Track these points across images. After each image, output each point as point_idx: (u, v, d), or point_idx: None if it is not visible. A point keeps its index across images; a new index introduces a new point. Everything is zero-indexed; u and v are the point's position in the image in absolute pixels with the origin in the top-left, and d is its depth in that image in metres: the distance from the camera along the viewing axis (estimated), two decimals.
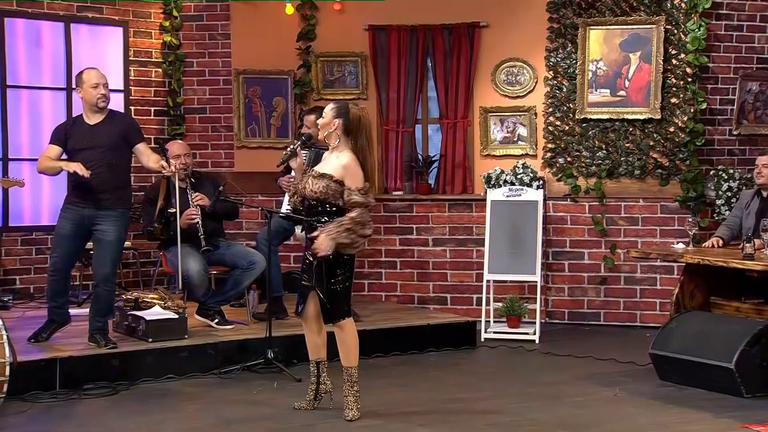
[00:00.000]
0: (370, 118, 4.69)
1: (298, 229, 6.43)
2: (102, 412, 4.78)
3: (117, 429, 4.50)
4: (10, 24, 7.44)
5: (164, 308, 5.87)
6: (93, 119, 5.46)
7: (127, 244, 7.55)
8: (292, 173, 6.42)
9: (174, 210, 5.95)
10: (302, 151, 4.91)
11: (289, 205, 6.33)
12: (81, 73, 5.53)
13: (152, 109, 8.09)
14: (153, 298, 6.05)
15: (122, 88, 7.93)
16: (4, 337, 4.63)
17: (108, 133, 5.43)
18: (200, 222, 6.03)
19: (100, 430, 4.49)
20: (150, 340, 5.57)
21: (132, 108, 7.98)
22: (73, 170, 5.24)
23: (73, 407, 4.87)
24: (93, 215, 5.37)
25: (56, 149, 5.43)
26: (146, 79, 8.05)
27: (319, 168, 4.64)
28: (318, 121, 4.74)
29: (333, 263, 4.55)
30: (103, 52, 7.87)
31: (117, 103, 7.91)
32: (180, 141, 6.86)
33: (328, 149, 4.71)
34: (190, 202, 6.07)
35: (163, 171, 5.44)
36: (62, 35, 7.64)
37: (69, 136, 5.43)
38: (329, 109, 4.65)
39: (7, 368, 4.58)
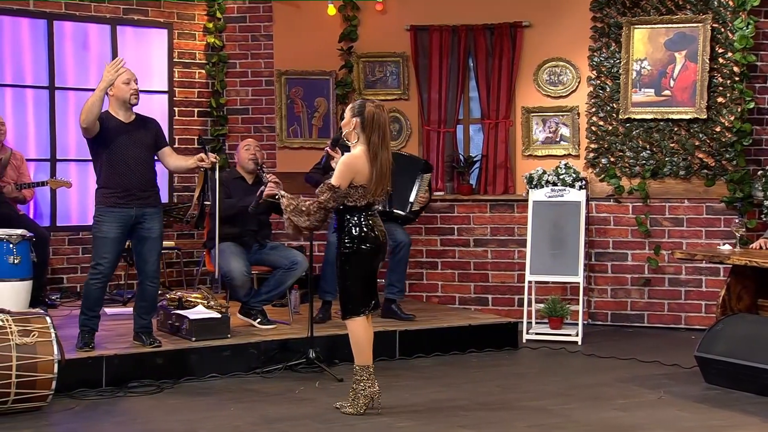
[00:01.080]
0: (386, 115, 4.70)
1: None
2: (147, 410, 4.84)
3: (162, 427, 4.56)
4: (59, 27, 7.58)
5: (207, 307, 5.93)
6: (125, 117, 5.40)
7: (171, 243, 7.69)
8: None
9: (209, 202, 6.04)
10: (340, 153, 4.92)
11: None
12: None
13: (195, 110, 8.18)
14: (196, 298, 6.11)
15: (166, 89, 8.04)
16: (53, 334, 4.72)
17: (146, 133, 5.45)
18: (280, 194, 6.05)
19: (145, 428, 4.54)
20: (193, 339, 5.62)
21: (176, 109, 8.09)
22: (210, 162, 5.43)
23: (119, 404, 4.94)
24: (140, 214, 5.39)
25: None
26: (190, 80, 8.14)
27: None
28: (342, 122, 4.80)
29: (340, 261, 4.64)
30: (147, 54, 7.98)
31: (161, 104, 8.04)
32: (251, 139, 6.97)
33: None
34: (264, 179, 6.05)
35: (202, 164, 5.51)
36: (108, 37, 7.76)
37: (103, 125, 5.33)
38: (348, 109, 4.73)
39: (55, 366, 4.67)
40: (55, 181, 7.03)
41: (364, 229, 4.64)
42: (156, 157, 5.58)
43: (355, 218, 4.65)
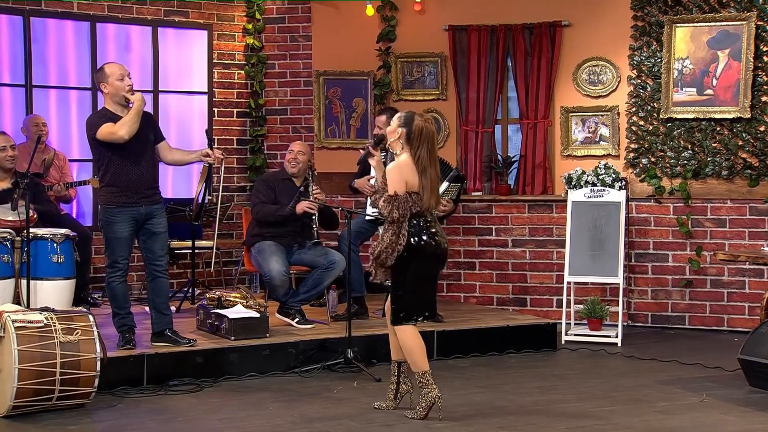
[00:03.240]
0: (433, 130, 4.70)
1: (381, 230, 6.47)
2: (188, 408, 4.88)
3: (202, 425, 4.60)
4: (102, 29, 7.68)
5: (246, 307, 5.96)
6: (124, 114, 5.37)
7: (210, 243, 7.75)
8: (371, 173, 6.52)
9: (210, 198, 6.12)
10: (380, 152, 4.93)
11: (372, 207, 6.41)
12: (102, 68, 5.44)
13: (235, 110, 8.24)
14: (235, 297, 6.15)
15: (206, 90, 8.11)
16: (95, 333, 4.79)
17: (147, 129, 5.42)
18: (317, 215, 6.14)
19: (186, 426, 4.59)
20: (233, 338, 5.67)
21: (215, 110, 8.16)
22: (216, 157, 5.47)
23: (160, 402, 4.99)
24: (149, 211, 5.41)
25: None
26: (229, 81, 8.20)
27: None
28: (387, 129, 4.78)
29: (396, 266, 4.59)
30: (188, 55, 8.07)
31: (201, 105, 8.12)
32: (301, 141, 7.02)
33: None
34: (310, 195, 6.17)
35: (207, 159, 5.54)
36: (150, 39, 7.85)
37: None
38: (396, 118, 4.71)
39: (98, 363, 4.74)
40: (97, 180, 7.11)
41: (416, 237, 4.60)
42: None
43: (409, 226, 4.61)
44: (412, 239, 4.59)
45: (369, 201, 6.54)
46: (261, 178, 6.75)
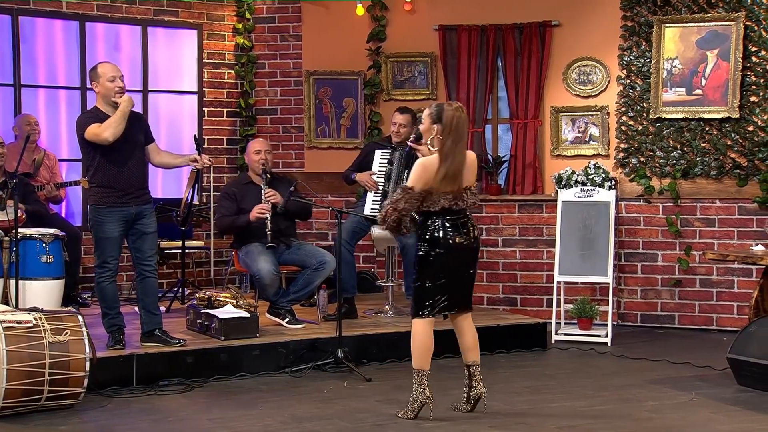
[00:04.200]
0: (465, 116, 4.64)
1: (375, 230, 6.49)
2: (178, 408, 4.87)
3: (192, 425, 4.59)
4: (91, 28, 7.66)
5: (236, 307, 5.96)
6: (121, 94, 5.36)
7: (200, 243, 7.74)
8: (373, 169, 6.52)
9: (197, 204, 6.14)
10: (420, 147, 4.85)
11: (373, 204, 6.43)
12: (95, 67, 5.43)
13: (225, 110, 8.23)
14: (225, 297, 6.14)
15: (196, 90, 8.10)
16: (84, 333, 4.77)
17: (137, 130, 5.42)
18: (269, 218, 6.11)
19: (176, 427, 4.58)
20: (223, 338, 5.66)
21: (205, 110, 8.14)
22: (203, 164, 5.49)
23: (150, 403, 4.98)
24: (139, 211, 5.41)
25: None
26: (219, 80, 8.19)
27: None
28: (420, 128, 4.76)
29: (420, 262, 4.61)
30: (178, 55, 8.05)
31: (191, 105, 8.10)
32: (261, 138, 7.01)
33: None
34: (263, 198, 6.17)
35: (194, 164, 5.54)
36: (139, 39, 7.83)
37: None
38: (426, 116, 4.67)
39: (87, 364, 4.72)
40: (87, 181, 7.09)
41: (435, 234, 4.58)
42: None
43: (434, 223, 4.60)
44: (429, 235, 4.59)
45: (368, 198, 6.55)
46: (222, 190, 6.66)
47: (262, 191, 6.20)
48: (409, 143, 4.96)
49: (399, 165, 6.42)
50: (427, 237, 4.60)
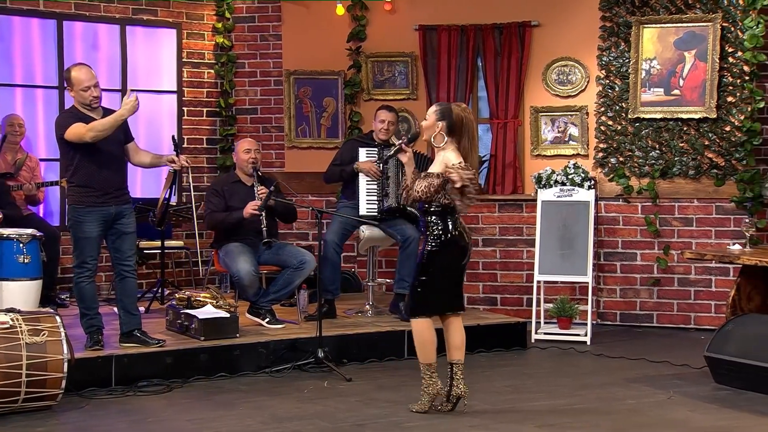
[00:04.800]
0: (472, 117, 4.74)
1: (365, 230, 6.48)
2: (157, 409, 4.85)
3: (172, 426, 4.57)
4: (69, 27, 7.60)
5: (216, 307, 5.93)
6: (95, 114, 5.35)
7: (179, 243, 7.70)
8: (360, 159, 6.51)
9: (174, 204, 6.15)
10: (410, 150, 4.86)
11: (368, 204, 6.42)
12: (69, 71, 5.35)
13: (204, 110, 8.19)
14: (205, 297, 6.11)
15: (175, 89, 8.06)
16: (62, 334, 4.73)
17: (117, 129, 5.35)
18: (264, 215, 6.11)
19: (156, 428, 4.55)
20: (202, 338, 5.63)
21: (185, 109, 8.10)
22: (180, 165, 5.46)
23: (129, 403, 4.95)
24: (118, 212, 5.39)
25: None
26: (199, 80, 8.16)
27: (431, 169, 4.71)
28: (422, 123, 4.78)
29: (425, 261, 4.63)
30: (157, 54, 8.00)
31: (170, 104, 8.06)
32: (249, 138, 6.99)
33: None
34: (257, 196, 6.15)
35: (172, 165, 5.53)
36: (118, 38, 7.78)
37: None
38: (432, 112, 4.72)
39: (65, 365, 4.68)
40: (66, 180, 7.04)
41: (451, 232, 4.64)
42: None
43: (448, 220, 4.65)
44: (442, 232, 4.62)
45: (362, 197, 6.51)
46: (210, 187, 6.65)
47: (255, 189, 6.20)
48: (398, 142, 4.87)
49: (396, 163, 6.38)
50: (441, 234, 4.63)
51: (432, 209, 4.65)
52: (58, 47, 7.55)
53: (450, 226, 4.64)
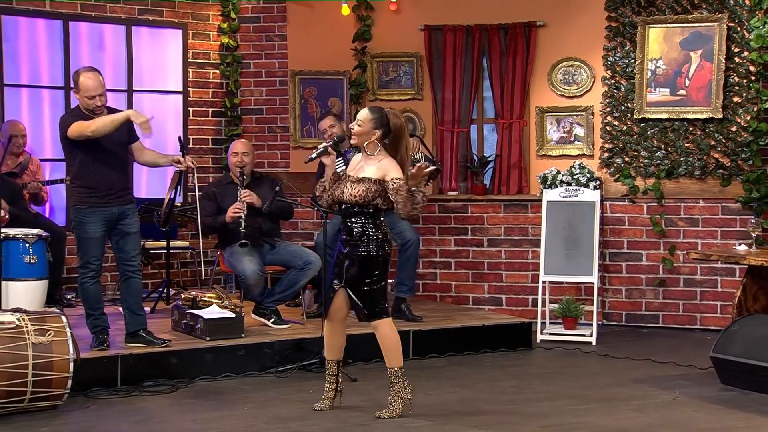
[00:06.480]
0: (404, 121, 4.75)
1: None
2: (162, 409, 4.86)
3: (176, 425, 4.58)
4: (75, 27, 7.61)
5: (221, 307, 5.94)
6: (99, 111, 5.35)
7: (185, 243, 7.71)
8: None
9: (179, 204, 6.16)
10: (337, 157, 4.89)
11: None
12: (79, 74, 5.35)
13: (210, 110, 8.20)
14: (210, 297, 6.12)
15: (181, 89, 8.07)
16: (68, 334, 4.74)
17: (122, 129, 5.37)
18: (243, 217, 6.11)
19: (160, 427, 4.56)
20: (208, 338, 5.64)
21: (190, 109, 8.11)
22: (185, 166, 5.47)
23: (134, 404, 4.96)
24: (121, 212, 5.39)
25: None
26: (204, 80, 8.16)
27: (357, 173, 4.67)
28: (352, 127, 4.72)
29: (371, 263, 4.61)
30: (162, 54, 8.01)
31: (176, 104, 8.07)
32: (243, 140, 6.98)
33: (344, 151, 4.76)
34: (239, 198, 6.17)
35: (178, 166, 5.54)
36: (123, 38, 7.79)
37: None
38: (368, 119, 4.64)
39: (71, 365, 4.69)
40: (70, 179, 7.05)
41: (388, 232, 4.73)
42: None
43: (383, 221, 4.70)
44: (385, 233, 4.68)
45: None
46: (203, 191, 6.66)
47: (239, 192, 6.23)
48: (323, 145, 4.81)
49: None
50: (384, 235, 4.67)
51: (366, 211, 4.62)
52: (64, 48, 7.56)
53: (384, 227, 4.68)
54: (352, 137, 4.74)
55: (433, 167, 5.34)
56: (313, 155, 4.79)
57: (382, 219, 4.68)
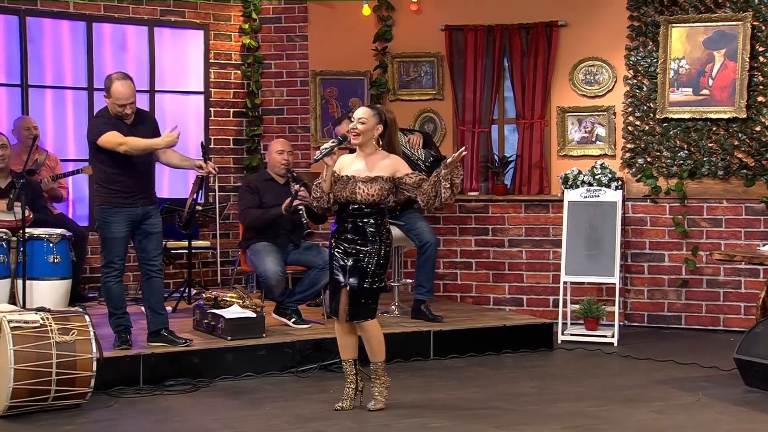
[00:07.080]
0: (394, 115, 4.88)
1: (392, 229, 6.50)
2: (184, 408, 4.88)
3: (198, 425, 4.60)
4: (98, 28, 7.67)
5: (243, 307, 5.96)
6: (127, 118, 5.40)
7: (206, 243, 7.75)
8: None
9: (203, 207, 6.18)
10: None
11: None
12: (111, 80, 5.37)
13: (231, 110, 8.24)
14: (232, 297, 6.14)
15: (202, 90, 8.11)
16: (91, 333, 4.78)
17: (146, 130, 5.43)
18: (304, 210, 6.13)
19: (182, 426, 4.59)
20: (229, 338, 5.66)
21: (212, 110, 8.15)
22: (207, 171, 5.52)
23: (156, 402, 4.99)
24: (145, 212, 5.44)
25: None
26: (225, 81, 8.20)
27: (360, 173, 4.64)
28: (354, 127, 4.67)
29: (383, 261, 4.65)
30: (184, 55, 8.06)
31: (197, 105, 8.11)
32: (282, 138, 7.01)
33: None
34: (293, 193, 6.15)
35: (200, 171, 5.58)
36: (146, 39, 7.85)
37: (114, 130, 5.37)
38: (371, 115, 4.64)
39: (94, 363, 4.73)
40: (90, 168, 7.05)
41: (386, 233, 4.74)
42: None
43: (384, 222, 4.72)
44: (387, 234, 4.71)
45: None
46: (244, 184, 6.71)
47: (292, 187, 6.21)
48: (328, 144, 4.74)
49: None
50: (388, 235, 4.71)
51: (379, 210, 4.63)
52: (88, 49, 7.62)
53: (388, 226, 4.73)
54: (354, 137, 4.68)
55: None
56: (318, 155, 4.70)
57: (385, 219, 4.72)
